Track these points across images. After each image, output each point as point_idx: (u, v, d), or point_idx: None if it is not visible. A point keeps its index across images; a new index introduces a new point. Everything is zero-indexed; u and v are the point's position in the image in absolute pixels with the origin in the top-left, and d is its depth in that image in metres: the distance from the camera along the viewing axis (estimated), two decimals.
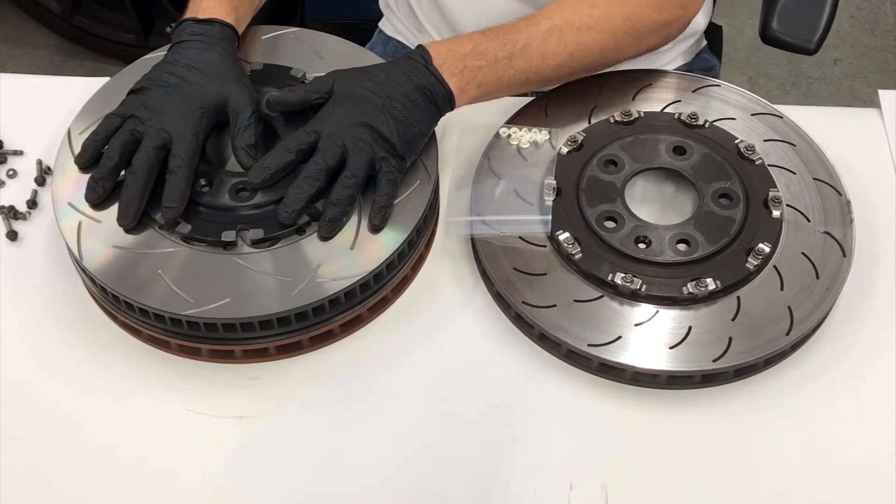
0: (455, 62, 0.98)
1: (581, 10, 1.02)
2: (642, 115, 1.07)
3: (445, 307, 0.99)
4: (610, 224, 0.98)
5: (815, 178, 1.02)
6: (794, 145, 1.05)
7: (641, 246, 0.97)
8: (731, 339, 0.92)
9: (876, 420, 0.92)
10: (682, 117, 1.06)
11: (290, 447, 0.91)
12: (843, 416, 0.92)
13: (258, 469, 0.90)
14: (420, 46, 0.99)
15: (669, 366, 0.91)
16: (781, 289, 0.95)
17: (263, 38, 1.12)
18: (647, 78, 1.11)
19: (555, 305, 0.94)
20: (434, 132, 1.02)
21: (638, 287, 0.94)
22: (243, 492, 0.89)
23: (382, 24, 1.40)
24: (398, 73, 0.97)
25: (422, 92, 0.96)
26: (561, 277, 0.96)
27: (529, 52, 1.00)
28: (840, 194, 1.01)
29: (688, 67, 1.32)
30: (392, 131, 0.94)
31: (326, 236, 0.94)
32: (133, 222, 0.94)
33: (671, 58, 1.30)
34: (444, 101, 0.98)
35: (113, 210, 0.96)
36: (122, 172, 0.96)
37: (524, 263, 0.97)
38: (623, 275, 0.94)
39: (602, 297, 0.95)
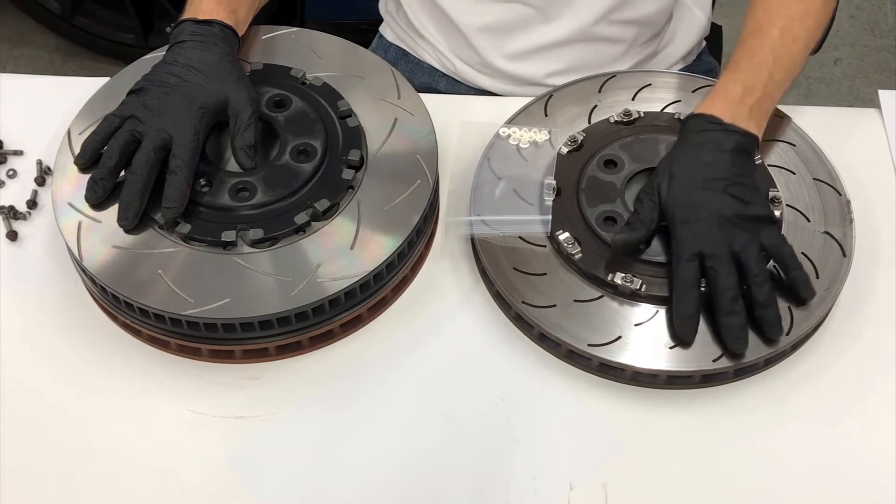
0: (741, 110, 0.97)
1: (791, 3, 1.05)
2: (642, 115, 1.07)
3: (445, 307, 0.99)
4: (610, 224, 0.98)
5: (815, 178, 1.02)
6: (794, 145, 1.05)
7: (641, 246, 0.97)
8: None
9: (876, 420, 0.92)
10: (682, 117, 1.06)
11: (290, 447, 0.91)
12: (843, 416, 0.92)
13: (258, 469, 0.90)
14: (699, 115, 0.98)
15: (669, 366, 0.91)
16: None
17: (263, 38, 1.12)
18: (647, 78, 1.11)
19: (555, 305, 0.94)
20: (434, 132, 1.02)
21: (638, 287, 0.94)
22: (243, 492, 0.88)
23: (383, 30, 1.39)
24: (708, 152, 0.95)
25: (738, 153, 0.95)
26: (561, 277, 0.96)
27: (780, 61, 1.02)
28: (840, 194, 1.01)
29: (688, 70, 1.32)
30: (752, 207, 0.92)
31: (775, 339, 0.91)
32: (133, 223, 0.94)
33: (672, 61, 1.30)
34: (753, 148, 0.98)
35: (113, 210, 0.96)
36: (122, 173, 0.96)
37: (524, 263, 0.97)
38: (623, 275, 0.94)
39: (602, 297, 0.95)
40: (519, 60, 1.23)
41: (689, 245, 0.91)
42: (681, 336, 0.91)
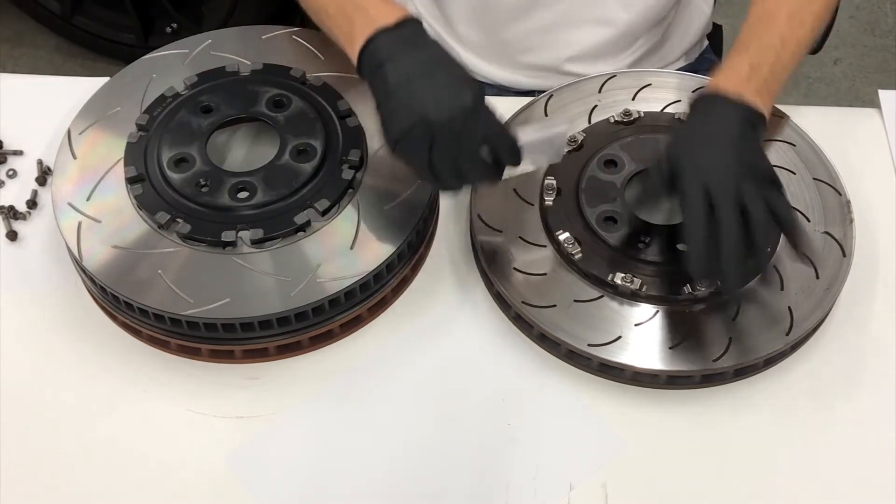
0: (748, 87, 0.97)
1: None
2: (642, 115, 1.07)
3: (445, 307, 0.99)
4: (610, 224, 0.98)
5: (815, 178, 1.02)
6: (794, 145, 1.05)
7: (641, 246, 0.97)
8: (730, 339, 0.92)
9: (876, 420, 0.92)
10: (682, 117, 1.06)
11: (289, 447, 0.91)
12: (843, 417, 0.92)
13: (258, 469, 0.90)
14: (705, 91, 0.97)
15: (669, 366, 0.91)
16: (781, 289, 0.94)
17: (263, 37, 1.12)
18: (647, 77, 1.11)
19: (555, 305, 0.94)
20: None
21: (638, 287, 0.94)
22: (243, 491, 0.88)
23: None
24: (714, 122, 0.94)
25: (744, 125, 0.94)
26: (561, 277, 0.96)
27: (787, 44, 1.01)
28: (840, 194, 1.01)
29: (691, 69, 1.32)
30: (759, 163, 0.92)
31: (762, 271, 0.93)
32: None
33: (674, 58, 1.30)
34: (759, 124, 0.96)
35: (112, 210, 0.96)
36: None
37: (524, 263, 0.97)
38: (623, 275, 0.94)
39: (602, 297, 0.95)
40: (514, 49, 1.22)
41: (696, 189, 0.88)
42: (694, 276, 0.90)
